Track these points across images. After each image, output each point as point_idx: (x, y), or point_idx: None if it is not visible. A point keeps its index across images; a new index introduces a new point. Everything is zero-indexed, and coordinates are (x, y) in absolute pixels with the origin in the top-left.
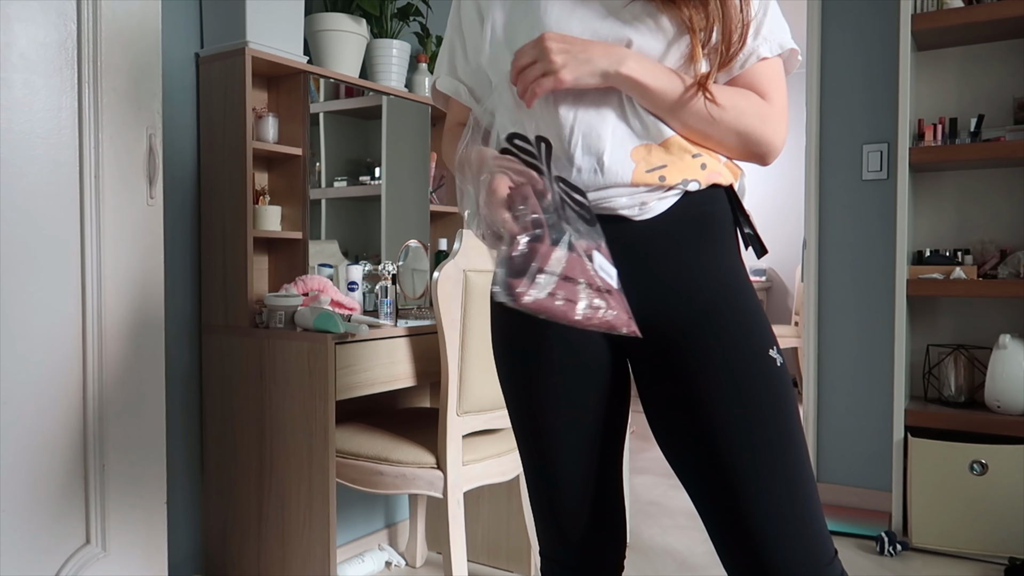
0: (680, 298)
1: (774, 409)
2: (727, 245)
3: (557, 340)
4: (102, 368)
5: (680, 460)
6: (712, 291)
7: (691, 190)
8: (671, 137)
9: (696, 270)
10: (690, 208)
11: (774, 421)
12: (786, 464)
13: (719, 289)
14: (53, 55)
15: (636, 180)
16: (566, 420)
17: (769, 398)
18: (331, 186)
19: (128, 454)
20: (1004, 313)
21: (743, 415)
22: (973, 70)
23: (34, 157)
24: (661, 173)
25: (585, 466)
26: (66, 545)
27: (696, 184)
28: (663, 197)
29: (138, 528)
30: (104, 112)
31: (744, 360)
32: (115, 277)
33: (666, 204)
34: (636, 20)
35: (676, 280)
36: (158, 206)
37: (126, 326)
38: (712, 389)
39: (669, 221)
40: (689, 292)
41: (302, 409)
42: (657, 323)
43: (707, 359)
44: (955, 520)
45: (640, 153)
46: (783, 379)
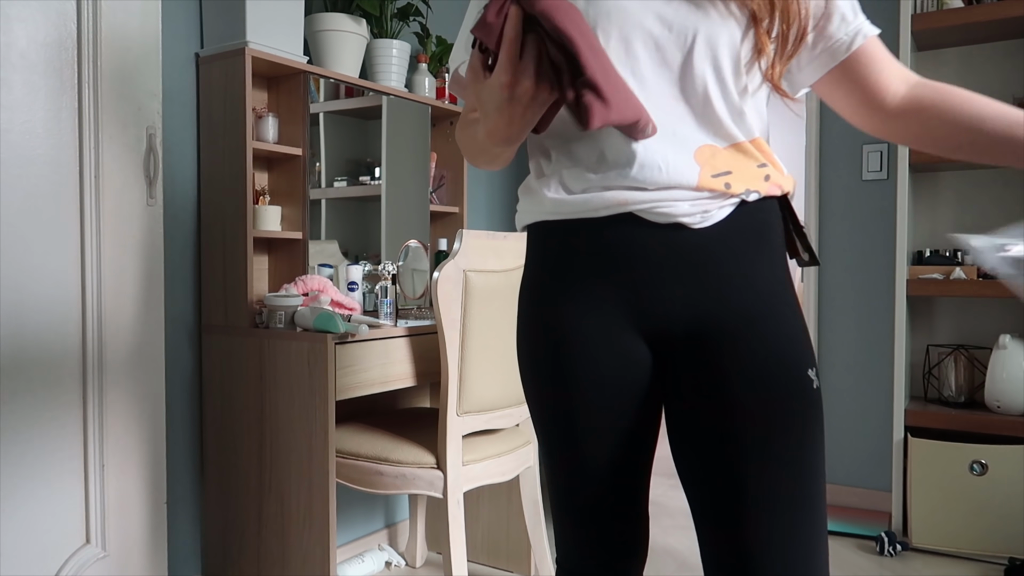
0: (727, 307)
1: (800, 435)
2: (778, 256)
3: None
4: (102, 368)
5: (690, 468)
6: (760, 303)
7: (749, 200)
8: (741, 142)
9: (747, 280)
10: (747, 217)
11: (798, 448)
12: (800, 494)
13: (768, 300)
14: (53, 55)
15: (701, 184)
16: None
17: (798, 422)
18: (331, 186)
19: (128, 454)
20: (1004, 313)
21: (766, 436)
22: (973, 70)
23: (34, 157)
24: (727, 180)
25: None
26: (66, 545)
27: (756, 195)
28: (723, 205)
29: (138, 528)
30: (104, 112)
31: (780, 377)
32: (115, 277)
33: (725, 212)
34: (706, 4)
35: (727, 289)
36: (158, 206)
37: (126, 326)
38: (741, 402)
39: (727, 229)
40: (738, 302)
41: (302, 409)
42: (701, 329)
43: (743, 371)
44: (955, 520)
45: (704, 155)
46: (816, 403)
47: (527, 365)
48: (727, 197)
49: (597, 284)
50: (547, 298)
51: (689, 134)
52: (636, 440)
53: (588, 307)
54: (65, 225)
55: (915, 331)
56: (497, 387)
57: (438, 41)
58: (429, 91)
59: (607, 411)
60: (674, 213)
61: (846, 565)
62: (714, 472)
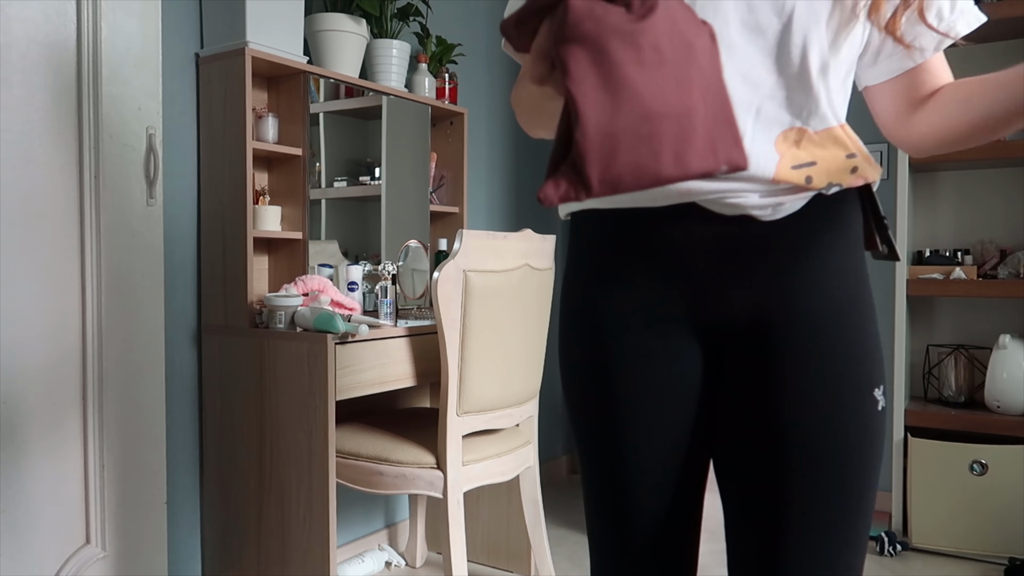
0: (792, 310)
1: (857, 462)
2: (855, 251)
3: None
4: (102, 367)
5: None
6: (830, 307)
7: (828, 193)
8: (833, 127)
9: (818, 282)
10: (823, 208)
11: (851, 475)
12: (842, 526)
13: (838, 305)
14: (53, 55)
15: (779, 176)
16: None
17: (855, 448)
18: (331, 186)
19: (128, 454)
20: (1004, 313)
21: (819, 459)
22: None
23: (34, 157)
24: (808, 173)
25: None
26: (66, 545)
27: (837, 187)
28: (799, 197)
29: (138, 528)
30: (104, 112)
31: (843, 396)
32: (115, 277)
33: (799, 204)
34: None
35: (795, 291)
36: (158, 206)
37: (126, 326)
38: (797, 419)
39: (800, 223)
40: (803, 304)
41: (302, 409)
42: (763, 335)
43: (803, 384)
44: (955, 520)
45: (788, 141)
46: (879, 428)
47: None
48: (805, 190)
49: (650, 284)
50: (591, 299)
51: (775, 114)
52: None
53: (638, 309)
54: (65, 225)
55: (915, 331)
56: (497, 387)
57: (438, 41)
58: (429, 91)
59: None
60: (744, 205)
61: None
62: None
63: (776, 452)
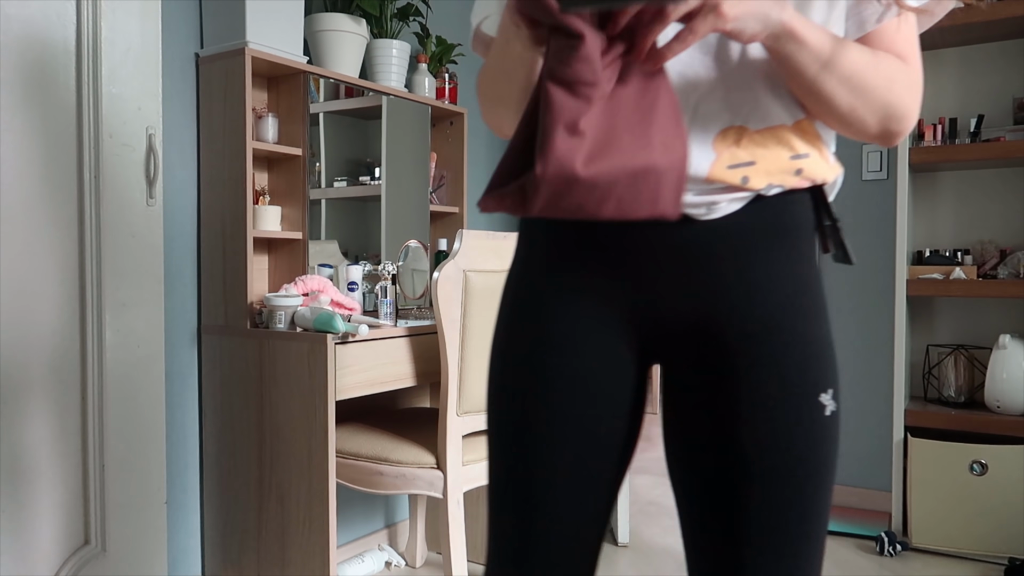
0: (732, 317)
1: (805, 467)
2: (804, 255)
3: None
4: (102, 367)
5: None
6: (774, 312)
7: (768, 194)
8: (776, 127)
9: (759, 284)
10: (765, 210)
11: (800, 481)
12: (796, 533)
13: (784, 309)
14: (53, 55)
15: (713, 176)
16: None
17: (804, 453)
18: (331, 186)
19: (128, 454)
20: (1004, 313)
21: (767, 467)
22: (973, 70)
23: (34, 157)
24: (745, 173)
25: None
26: (66, 545)
27: (779, 189)
28: (735, 198)
29: (138, 528)
30: (104, 112)
31: (788, 402)
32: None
33: (737, 205)
34: None
35: (733, 294)
36: (158, 206)
37: (126, 326)
38: (744, 428)
39: (739, 224)
40: (743, 309)
41: (302, 409)
42: (705, 335)
43: (748, 391)
44: (955, 520)
45: (727, 140)
46: (829, 433)
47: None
48: (741, 190)
49: (590, 283)
50: (532, 295)
51: (714, 112)
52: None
53: (578, 307)
54: (65, 225)
55: (915, 331)
56: None
57: (438, 41)
58: (429, 91)
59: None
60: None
61: (846, 565)
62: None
63: (728, 460)
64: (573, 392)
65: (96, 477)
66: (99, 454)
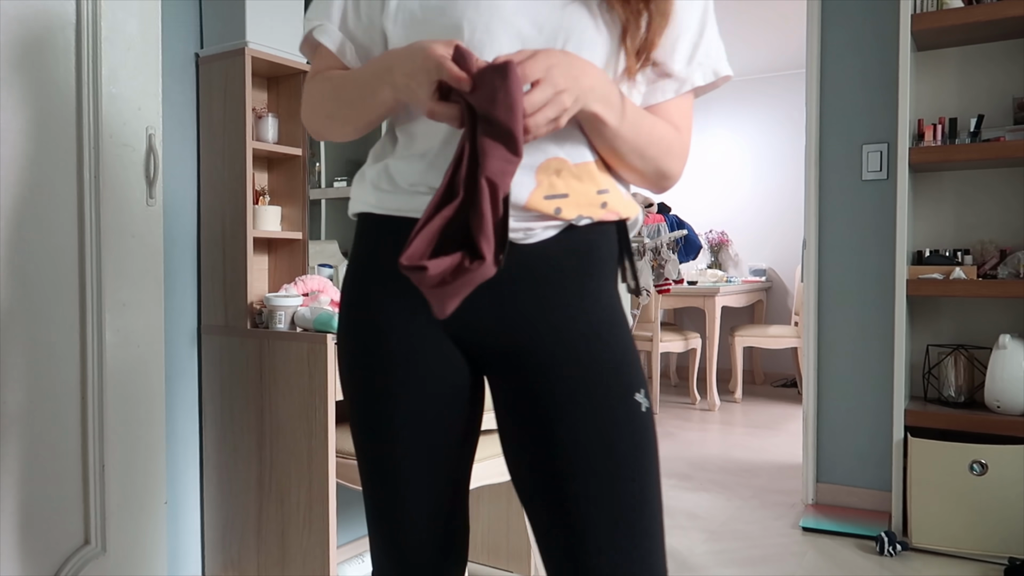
0: (551, 328)
1: (630, 457)
2: (607, 279)
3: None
4: (102, 367)
5: (527, 496)
6: (587, 325)
7: (579, 225)
8: (589, 163)
9: (573, 301)
10: (576, 238)
11: (628, 470)
12: (634, 519)
13: (595, 324)
14: (52, 55)
15: (530, 204)
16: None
17: (627, 445)
18: (331, 186)
19: (128, 454)
20: (1004, 313)
21: (596, 461)
22: (973, 70)
23: (33, 157)
24: (559, 204)
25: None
26: (65, 545)
27: (588, 220)
28: (549, 226)
29: (138, 528)
30: (104, 112)
31: (607, 401)
32: (115, 277)
33: (551, 232)
34: (585, 10)
35: (550, 309)
36: (158, 206)
37: (126, 326)
38: (569, 428)
39: (551, 249)
40: (562, 322)
41: (302, 409)
42: (523, 349)
43: (569, 394)
44: (955, 520)
45: (549, 170)
46: (646, 426)
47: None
48: (555, 219)
49: (413, 292)
50: (365, 298)
51: (541, 143)
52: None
53: (407, 312)
54: (64, 225)
55: (915, 331)
56: None
57: None
58: None
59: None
60: None
61: (846, 565)
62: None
63: (558, 461)
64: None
65: (96, 477)
66: (99, 454)
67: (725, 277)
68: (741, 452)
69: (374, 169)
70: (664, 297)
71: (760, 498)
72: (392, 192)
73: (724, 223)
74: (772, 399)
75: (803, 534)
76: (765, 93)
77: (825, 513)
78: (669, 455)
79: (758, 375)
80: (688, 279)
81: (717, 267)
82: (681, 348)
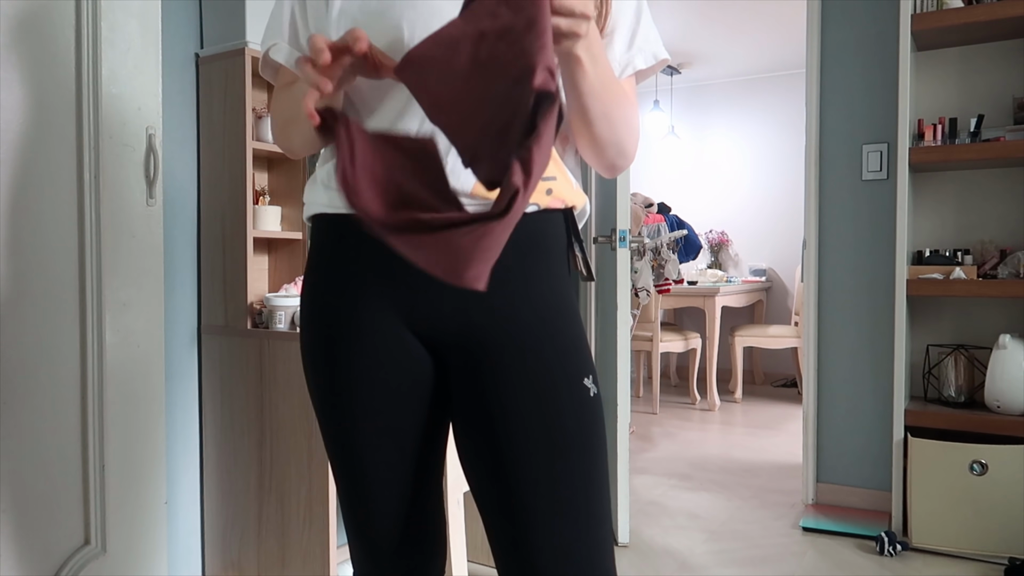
0: (499, 316)
1: (578, 441)
2: (556, 267)
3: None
4: (102, 367)
5: (476, 483)
6: (534, 312)
7: (527, 211)
8: None
9: (520, 289)
10: (522, 227)
11: (577, 454)
12: (581, 502)
13: (542, 310)
14: (51, 55)
15: (475, 191)
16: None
17: (575, 429)
18: None
19: (128, 454)
20: (1004, 313)
21: (544, 445)
22: (973, 70)
23: (32, 157)
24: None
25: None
26: (65, 545)
27: (535, 207)
28: None
29: (138, 528)
30: (104, 112)
31: (555, 386)
32: (115, 277)
33: None
34: None
35: (495, 299)
36: (158, 206)
37: (126, 326)
38: (517, 413)
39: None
40: (510, 310)
41: (302, 409)
42: (471, 340)
43: (517, 380)
44: (955, 520)
45: None
46: (594, 411)
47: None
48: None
49: (372, 287)
50: (324, 297)
51: None
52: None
53: (365, 308)
54: (64, 225)
55: (915, 331)
56: None
57: None
58: None
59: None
60: None
61: (846, 565)
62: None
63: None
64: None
65: (96, 477)
66: (99, 454)
67: (725, 277)
68: (741, 452)
69: (324, 169)
70: (664, 297)
71: (760, 498)
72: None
73: (724, 223)
74: (772, 399)
75: (803, 534)
76: (765, 93)
77: (825, 513)
78: (669, 455)
79: (758, 375)
80: (688, 279)
81: (717, 267)
82: (681, 348)
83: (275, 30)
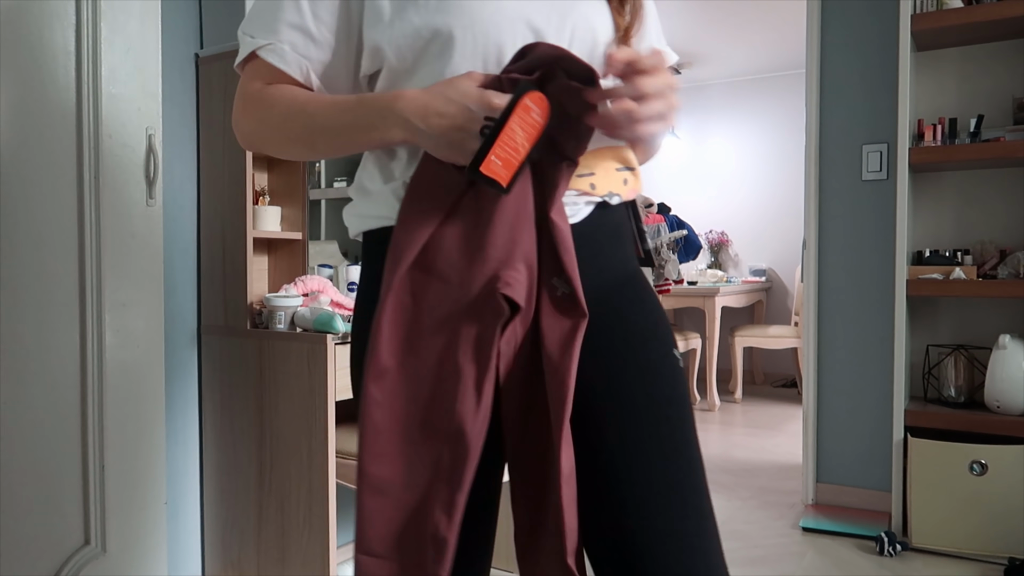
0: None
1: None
2: (630, 252)
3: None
4: (101, 367)
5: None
6: (625, 292)
7: (612, 203)
8: (606, 148)
9: (612, 272)
10: (606, 217)
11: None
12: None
13: (632, 290)
14: (51, 55)
15: (571, 184)
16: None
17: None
18: (331, 186)
19: (128, 454)
20: (1004, 313)
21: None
22: (973, 70)
23: (32, 157)
24: (592, 181)
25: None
26: (65, 545)
27: (618, 199)
28: (588, 203)
29: (138, 528)
30: (104, 112)
31: (651, 357)
32: (115, 277)
33: (587, 211)
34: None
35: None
36: (158, 206)
37: (126, 326)
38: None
39: (591, 226)
40: (606, 292)
41: (302, 409)
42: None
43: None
44: (955, 520)
45: None
46: (685, 382)
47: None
48: (590, 196)
49: None
50: None
51: None
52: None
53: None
54: (64, 225)
55: (915, 331)
56: None
57: None
58: None
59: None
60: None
61: (846, 565)
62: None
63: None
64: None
65: (96, 477)
66: (99, 454)
67: (725, 277)
68: (741, 452)
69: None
70: (664, 297)
71: (760, 498)
72: None
73: (724, 223)
74: (772, 399)
75: (803, 534)
76: (765, 93)
77: (825, 513)
78: None
79: (758, 375)
80: (688, 279)
81: (717, 267)
82: (681, 348)
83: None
